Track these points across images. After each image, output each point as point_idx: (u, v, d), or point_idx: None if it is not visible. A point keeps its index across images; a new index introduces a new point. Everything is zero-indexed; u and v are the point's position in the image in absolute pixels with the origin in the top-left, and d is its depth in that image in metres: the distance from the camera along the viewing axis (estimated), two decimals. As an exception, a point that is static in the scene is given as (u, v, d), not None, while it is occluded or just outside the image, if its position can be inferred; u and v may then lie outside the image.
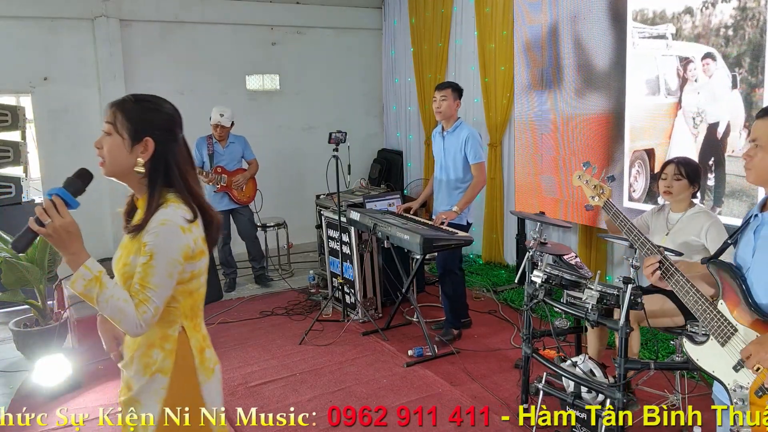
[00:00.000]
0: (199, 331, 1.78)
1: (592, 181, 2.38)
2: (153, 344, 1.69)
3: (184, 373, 1.71)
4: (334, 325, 4.81)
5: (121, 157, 1.67)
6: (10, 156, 5.28)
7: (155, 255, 1.59)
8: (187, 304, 1.72)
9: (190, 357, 1.72)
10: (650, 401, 3.33)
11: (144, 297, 1.58)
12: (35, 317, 4.40)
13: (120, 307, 1.55)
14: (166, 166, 1.68)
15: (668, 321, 3.11)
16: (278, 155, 7.03)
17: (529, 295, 3.26)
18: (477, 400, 3.61)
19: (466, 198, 4.34)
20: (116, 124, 1.66)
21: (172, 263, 1.61)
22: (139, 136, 1.66)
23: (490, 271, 6.00)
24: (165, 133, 1.70)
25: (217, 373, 1.81)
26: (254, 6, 6.82)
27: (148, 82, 6.31)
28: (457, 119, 4.42)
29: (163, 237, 1.60)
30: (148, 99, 1.74)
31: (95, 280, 1.55)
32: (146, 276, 1.58)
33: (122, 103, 1.69)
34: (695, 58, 3.86)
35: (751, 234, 1.85)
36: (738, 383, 1.78)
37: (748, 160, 1.84)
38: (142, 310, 1.57)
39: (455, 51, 6.48)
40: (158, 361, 1.68)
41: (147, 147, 1.67)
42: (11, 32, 5.70)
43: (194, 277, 1.71)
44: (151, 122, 1.68)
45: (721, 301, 1.85)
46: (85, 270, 1.55)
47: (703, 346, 1.89)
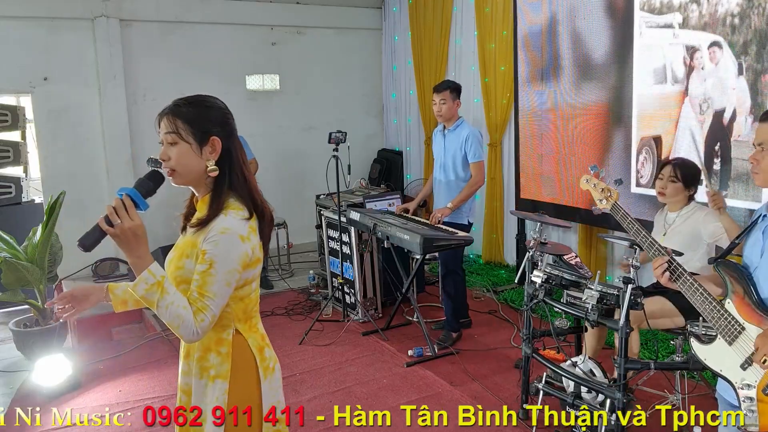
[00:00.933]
0: (256, 331, 1.78)
1: (599, 185, 2.37)
2: (209, 348, 1.69)
3: (245, 375, 1.71)
4: (334, 325, 4.81)
5: (193, 162, 1.65)
6: (10, 156, 5.28)
7: (215, 264, 1.58)
8: (239, 308, 1.71)
9: (250, 357, 1.72)
10: (650, 401, 3.34)
11: (202, 305, 1.57)
12: (35, 317, 4.40)
13: (179, 314, 1.55)
14: (231, 162, 1.68)
15: (668, 322, 3.11)
16: (278, 155, 7.03)
17: (529, 295, 3.26)
18: (477, 400, 3.61)
19: (462, 196, 4.33)
20: (179, 131, 1.64)
21: (231, 272, 1.60)
22: (205, 138, 1.66)
23: (490, 271, 6.00)
24: (225, 128, 1.71)
25: (277, 372, 1.82)
26: (254, 6, 6.82)
27: (148, 82, 6.32)
28: (458, 118, 4.42)
29: (223, 246, 1.59)
30: (200, 99, 1.73)
31: (157, 285, 1.54)
32: (205, 284, 1.58)
33: (176, 108, 1.67)
34: (702, 46, 3.89)
35: (760, 234, 1.85)
36: (745, 381, 1.79)
37: (755, 163, 1.84)
38: (200, 318, 1.57)
39: (455, 51, 6.48)
40: (216, 365, 1.68)
41: (215, 146, 1.66)
42: (11, 32, 5.70)
43: (247, 283, 1.70)
44: (212, 121, 1.68)
45: (728, 300, 1.86)
46: (149, 274, 1.54)
47: (711, 345, 1.89)
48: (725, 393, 1.90)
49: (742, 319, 1.81)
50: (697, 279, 1.93)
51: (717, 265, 1.91)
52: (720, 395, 1.95)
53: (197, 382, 1.70)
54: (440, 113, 4.36)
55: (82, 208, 5.55)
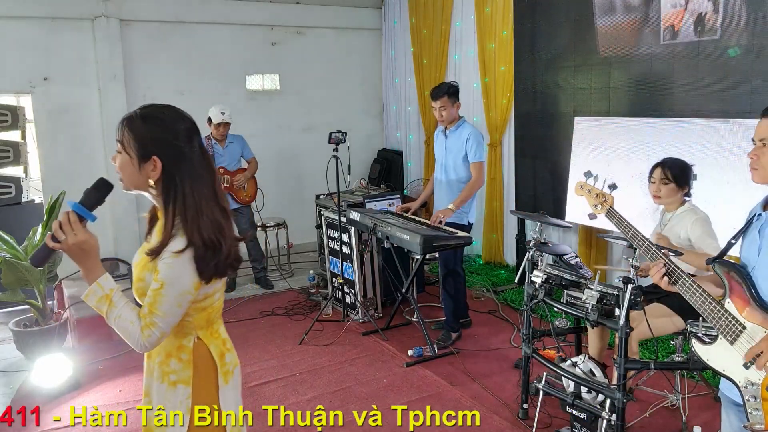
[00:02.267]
0: (218, 337, 1.79)
1: (594, 191, 2.37)
2: (170, 354, 1.71)
3: (206, 381, 1.72)
4: (334, 325, 4.81)
5: (133, 175, 1.64)
6: (10, 156, 5.28)
7: (165, 285, 1.58)
8: (201, 318, 1.72)
9: (210, 364, 1.74)
10: (650, 401, 3.34)
11: (150, 322, 1.59)
12: (35, 317, 4.40)
13: (125, 327, 1.59)
14: (176, 187, 1.61)
15: (670, 326, 3.11)
16: (278, 155, 7.03)
17: (529, 295, 3.26)
18: (477, 400, 3.61)
19: (463, 196, 4.33)
20: (124, 142, 1.63)
21: (182, 295, 1.60)
22: (147, 155, 1.61)
23: (490, 271, 6.00)
24: (173, 150, 1.62)
25: (236, 375, 1.83)
26: (254, 6, 6.82)
27: (148, 82, 6.31)
28: (459, 119, 4.41)
29: (176, 269, 1.58)
30: (157, 115, 1.65)
31: (105, 298, 1.60)
32: (155, 303, 1.59)
33: (130, 119, 1.64)
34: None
35: (756, 233, 1.85)
36: (749, 380, 1.78)
37: (754, 159, 1.83)
38: (147, 334, 1.59)
39: (455, 51, 6.48)
40: (177, 371, 1.70)
41: (155, 166, 1.61)
42: (11, 32, 5.70)
43: (208, 296, 1.71)
44: (158, 141, 1.61)
45: (728, 300, 1.85)
46: (98, 287, 1.60)
47: (713, 345, 1.89)
48: (728, 391, 1.90)
49: (742, 318, 1.81)
50: (695, 280, 1.93)
51: (715, 265, 1.91)
52: (723, 394, 1.95)
53: (158, 386, 1.72)
54: (442, 119, 4.36)
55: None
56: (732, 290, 1.85)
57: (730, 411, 1.93)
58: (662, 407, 3.32)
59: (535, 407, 3.24)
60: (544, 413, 3.29)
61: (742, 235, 1.93)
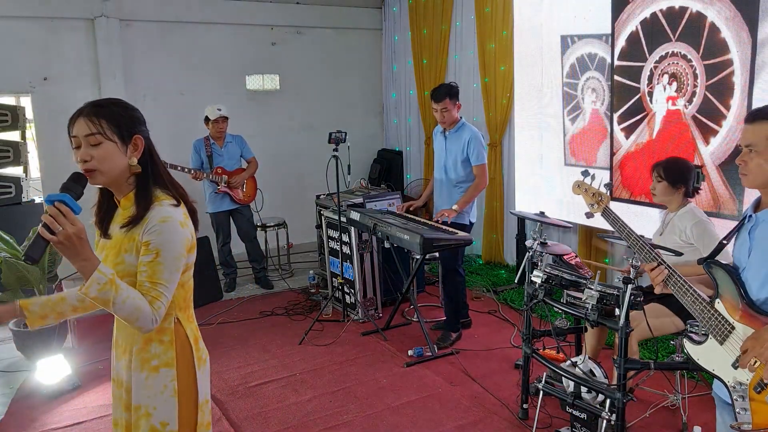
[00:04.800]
0: (192, 321, 1.84)
1: (590, 189, 2.42)
2: (150, 338, 1.73)
3: (185, 363, 1.77)
4: (334, 325, 4.81)
5: (118, 161, 1.68)
6: (10, 156, 5.28)
7: (161, 252, 1.64)
8: (180, 296, 1.76)
9: (188, 346, 1.78)
10: (650, 401, 3.34)
11: (157, 293, 1.63)
12: (35, 317, 4.40)
13: (137, 306, 1.59)
14: (152, 158, 1.75)
15: (670, 326, 3.11)
16: (278, 155, 7.03)
17: (529, 295, 3.26)
18: (477, 400, 3.61)
19: (466, 197, 4.33)
20: (104, 131, 1.65)
21: (178, 258, 1.67)
22: (129, 136, 1.69)
23: (490, 271, 6.00)
24: (144, 128, 1.75)
25: (208, 364, 1.88)
26: (254, 6, 6.82)
27: (148, 82, 6.31)
28: (459, 120, 4.41)
29: (166, 234, 1.65)
30: (117, 100, 1.76)
31: (110, 283, 1.56)
32: (155, 273, 1.63)
33: (97, 109, 1.67)
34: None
35: (746, 235, 1.88)
36: (737, 380, 1.80)
37: (742, 165, 1.85)
38: (157, 306, 1.62)
39: (455, 51, 6.48)
40: (159, 355, 1.72)
41: (138, 145, 1.71)
42: (11, 32, 5.70)
43: (188, 268, 1.77)
44: (132, 121, 1.72)
45: (717, 301, 1.88)
46: (99, 274, 1.55)
47: (703, 345, 1.91)
48: (720, 391, 1.92)
49: (731, 319, 1.83)
50: (688, 280, 1.95)
51: (707, 266, 1.92)
52: (716, 394, 1.97)
53: (137, 375, 1.73)
54: (444, 121, 4.36)
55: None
56: (722, 291, 1.87)
57: (723, 411, 1.96)
58: (662, 407, 3.32)
59: (535, 407, 3.24)
60: (544, 413, 3.29)
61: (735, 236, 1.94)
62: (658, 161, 3.31)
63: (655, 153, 4.17)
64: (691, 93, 3.95)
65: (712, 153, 3.84)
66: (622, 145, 4.47)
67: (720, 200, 3.81)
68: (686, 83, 3.97)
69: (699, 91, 3.90)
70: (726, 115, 3.74)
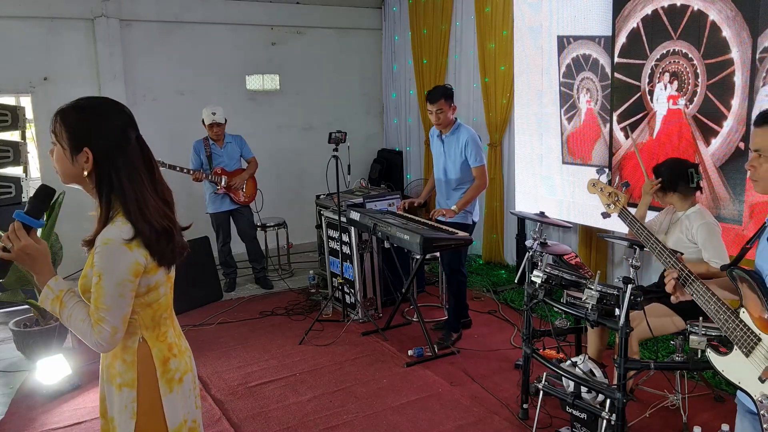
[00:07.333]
0: (163, 341, 1.72)
1: (606, 189, 2.32)
2: (116, 355, 1.68)
3: (148, 386, 1.69)
4: (334, 325, 4.81)
5: (67, 167, 1.63)
6: (10, 156, 5.27)
7: (102, 276, 1.57)
8: (146, 315, 1.68)
9: (151, 369, 1.69)
10: (650, 401, 3.34)
11: (98, 317, 1.57)
12: (35, 317, 4.40)
13: (78, 326, 1.60)
14: (110, 179, 1.61)
15: (670, 326, 3.11)
16: (278, 155, 7.03)
17: (529, 295, 3.26)
18: (477, 400, 3.61)
19: (466, 198, 4.33)
20: (57, 133, 1.62)
21: (121, 283, 1.57)
22: (79, 147, 1.60)
23: (490, 271, 6.00)
24: (105, 142, 1.61)
25: (185, 383, 1.75)
26: (254, 6, 6.82)
27: (148, 82, 6.32)
28: (454, 122, 4.41)
29: (107, 258, 1.56)
30: (90, 107, 1.64)
31: (56, 299, 1.61)
32: (98, 297, 1.57)
33: (63, 112, 1.63)
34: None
35: (765, 242, 1.79)
36: (765, 394, 1.71)
37: (752, 171, 1.78)
38: (98, 330, 1.57)
39: (455, 51, 6.48)
40: (121, 373, 1.67)
41: (87, 158, 1.60)
42: (11, 32, 5.71)
43: (151, 290, 1.66)
44: (90, 132, 1.60)
45: (743, 310, 1.78)
46: (48, 290, 1.62)
47: (728, 357, 1.81)
48: (744, 399, 1.83)
49: (758, 329, 1.73)
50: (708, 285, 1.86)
51: (730, 272, 1.83)
52: (739, 400, 1.87)
53: (108, 387, 1.71)
54: (439, 123, 4.34)
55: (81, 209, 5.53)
56: (746, 300, 1.77)
57: (744, 419, 1.87)
58: (662, 407, 3.31)
59: (535, 407, 3.23)
60: (544, 413, 3.29)
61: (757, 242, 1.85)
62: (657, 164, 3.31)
63: (655, 153, 4.17)
64: (692, 92, 3.95)
65: (712, 154, 3.84)
66: (622, 145, 4.47)
67: (720, 202, 3.80)
68: (687, 82, 3.97)
69: (700, 91, 3.89)
70: (726, 115, 3.74)
